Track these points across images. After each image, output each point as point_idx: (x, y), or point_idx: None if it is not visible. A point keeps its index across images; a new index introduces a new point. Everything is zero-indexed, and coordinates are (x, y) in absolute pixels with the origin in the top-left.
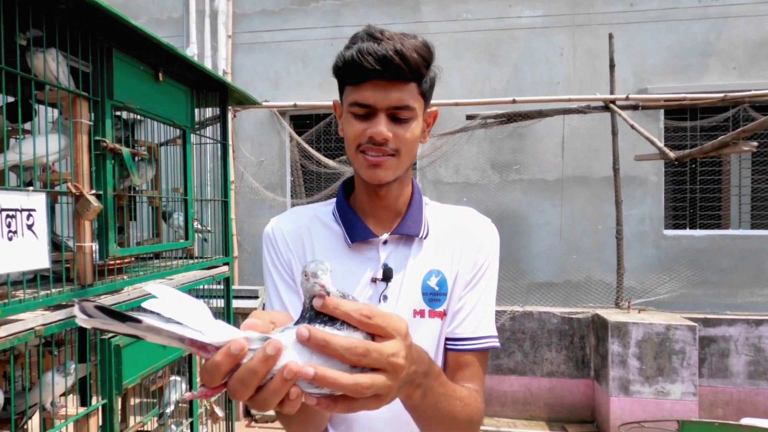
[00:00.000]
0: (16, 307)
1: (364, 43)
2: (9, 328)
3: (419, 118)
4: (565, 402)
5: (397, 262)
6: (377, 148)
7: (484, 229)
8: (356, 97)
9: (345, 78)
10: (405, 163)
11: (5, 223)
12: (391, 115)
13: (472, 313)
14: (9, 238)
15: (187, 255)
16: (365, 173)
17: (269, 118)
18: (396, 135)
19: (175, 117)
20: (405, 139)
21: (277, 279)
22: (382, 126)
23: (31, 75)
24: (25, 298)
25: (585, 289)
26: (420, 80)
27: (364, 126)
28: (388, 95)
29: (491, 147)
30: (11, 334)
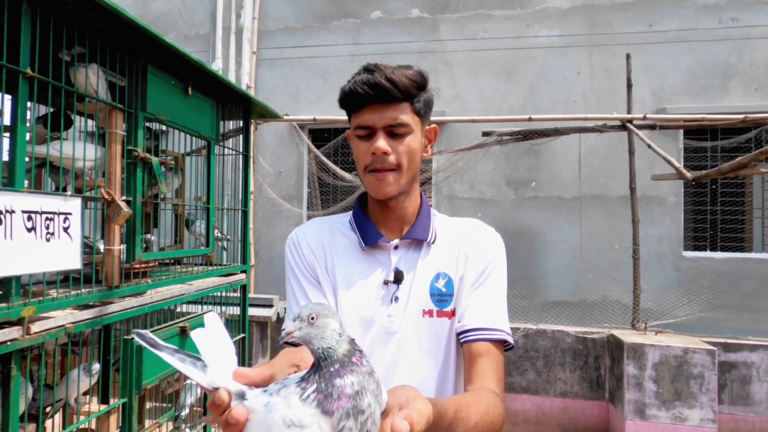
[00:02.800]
0: (49, 305)
1: (360, 75)
2: (41, 325)
3: (416, 133)
4: (578, 423)
5: (407, 265)
6: (380, 164)
7: (488, 236)
8: (358, 121)
9: (348, 107)
10: (407, 176)
11: (44, 225)
12: (389, 132)
13: (480, 308)
14: (47, 239)
15: (207, 262)
16: (373, 191)
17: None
18: (394, 149)
19: (201, 129)
20: (402, 152)
21: (303, 280)
22: (381, 141)
23: (74, 88)
24: (57, 297)
25: (600, 308)
26: (411, 100)
27: (367, 145)
28: (384, 115)
29: (507, 163)
30: (43, 330)
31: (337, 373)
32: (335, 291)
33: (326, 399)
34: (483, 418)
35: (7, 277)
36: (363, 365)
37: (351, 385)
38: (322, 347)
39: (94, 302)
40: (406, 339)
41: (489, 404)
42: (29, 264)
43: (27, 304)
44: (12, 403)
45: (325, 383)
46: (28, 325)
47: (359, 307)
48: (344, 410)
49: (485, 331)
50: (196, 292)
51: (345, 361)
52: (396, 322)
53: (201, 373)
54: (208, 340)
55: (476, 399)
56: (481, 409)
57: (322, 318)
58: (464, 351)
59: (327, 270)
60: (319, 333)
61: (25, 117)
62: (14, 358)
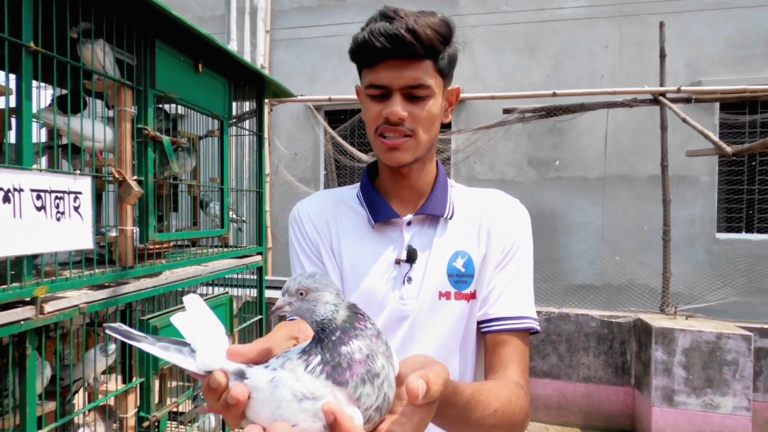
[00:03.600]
0: (62, 285)
1: (377, 23)
2: (55, 305)
3: (437, 96)
4: (602, 409)
5: (421, 243)
6: (393, 129)
7: (513, 209)
8: (371, 78)
9: (360, 61)
10: (424, 144)
11: (54, 204)
12: (406, 95)
13: (505, 294)
14: (57, 219)
15: (223, 244)
16: (384, 156)
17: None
18: (412, 114)
19: (213, 108)
20: (421, 118)
21: (303, 258)
22: (397, 106)
23: (80, 63)
24: (70, 276)
25: (627, 292)
26: (436, 57)
27: (381, 107)
28: (402, 74)
29: (529, 143)
30: (57, 310)
31: (341, 341)
32: (341, 272)
33: (335, 370)
34: (504, 407)
35: (19, 257)
36: (367, 328)
37: (359, 350)
38: (316, 321)
39: (109, 282)
40: (420, 323)
41: (511, 394)
42: (40, 244)
43: (39, 283)
44: (29, 382)
45: (330, 353)
46: (41, 305)
47: (368, 289)
48: (359, 377)
49: (510, 320)
50: (212, 273)
51: (346, 327)
52: (409, 305)
53: (189, 358)
54: (192, 323)
55: (498, 386)
56: (503, 397)
57: (313, 293)
58: (486, 339)
59: (332, 249)
60: (311, 308)
61: (30, 93)
62: (29, 337)
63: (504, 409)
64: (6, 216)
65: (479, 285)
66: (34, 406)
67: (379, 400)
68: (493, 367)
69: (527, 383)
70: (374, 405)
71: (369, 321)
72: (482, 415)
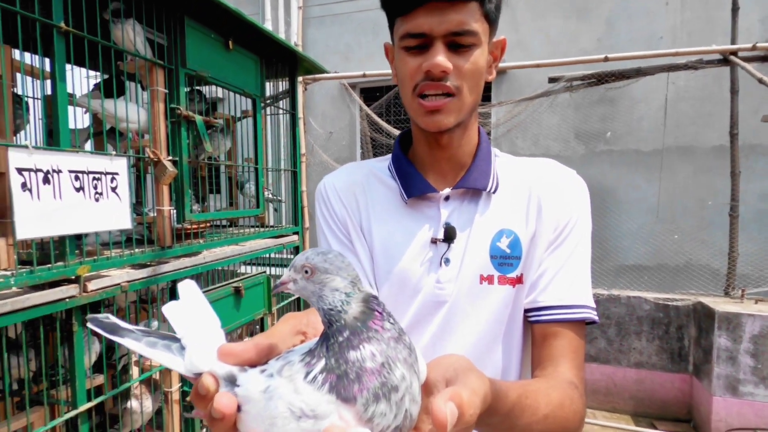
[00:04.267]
0: (104, 264)
1: None
2: (98, 283)
3: (483, 46)
4: (655, 397)
5: (461, 220)
6: (436, 85)
7: (569, 181)
8: (408, 27)
9: (394, 8)
10: (468, 104)
11: (92, 185)
12: (449, 44)
13: (557, 278)
14: (96, 200)
15: (260, 223)
16: (423, 120)
17: (339, 91)
18: (457, 67)
19: (245, 86)
20: (467, 71)
21: (331, 237)
22: (440, 55)
23: (111, 43)
24: (112, 256)
25: (684, 273)
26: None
27: (419, 60)
28: (446, 18)
29: (576, 114)
30: (100, 288)
31: (349, 344)
32: (372, 253)
33: (341, 381)
34: (555, 411)
35: (62, 237)
36: (385, 329)
37: (372, 357)
38: (322, 309)
39: (149, 262)
40: (458, 310)
41: (564, 397)
42: (80, 224)
43: (82, 262)
44: (77, 357)
45: (336, 359)
46: (85, 283)
47: (401, 271)
48: (370, 392)
49: (564, 309)
50: (249, 252)
51: (357, 327)
52: (446, 289)
53: (177, 357)
54: (184, 314)
55: (548, 387)
56: (554, 401)
57: (320, 273)
58: (533, 330)
59: (362, 228)
60: (316, 291)
61: (64, 75)
62: (75, 314)
63: (555, 413)
64: (47, 197)
65: (527, 268)
66: (83, 380)
67: (398, 419)
68: (542, 361)
69: (582, 382)
70: (392, 425)
71: (388, 320)
72: (529, 422)
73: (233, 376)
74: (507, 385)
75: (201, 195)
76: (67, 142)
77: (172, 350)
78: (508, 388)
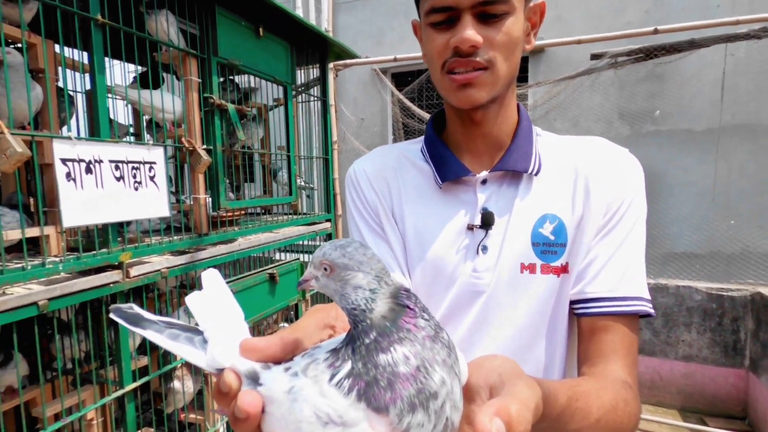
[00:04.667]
0: (145, 251)
1: None
2: (140, 269)
3: (518, 13)
4: (705, 391)
5: (499, 205)
6: (465, 61)
7: (621, 160)
8: (433, 1)
9: None
10: (503, 77)
11: (131, 174)
12: (479, 14)
13: (608, 267)
14: (135, 188)
15: (293, 211)
16: (454, 96)
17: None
18: (488, 39)
19: (276, 73)
20: (499, 42)
21: (361, 224)
22: (469, 29)
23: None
24: (152, 243)
25: (741, 262)
26: None
27: (447, 36)
28: None
29: (620, 93)
30: (142, 274)
31: (378, 346)
32: (405, 240)
33: (370, 389)
34: (608, 415)
35: (105, 225)
36: (419, 327)
37: (405, 361)
38: (346, 308)
39: (188, 249)
40: (497, 301)
41: (617, 398)
42: (121, 212)
43: (124, 249)
44: (122, 340)
45: (363, 363)
46: (127, 269)
47: (435, 259)
48: (405, 401)
49: (615, 301)
50: (282, 240)
51: (386, 328)
52: (484, 278)
53: (200, 351)
54: (208, 306)
55: (599, 388)
56: (606, 403)
57: (340, 270)
58: (581, 323)
59: (394, 214)
60: (338, 289)
61: (103, 67)
62: (119, 298)
63: (608, 417)
64: (90, 186)
65: (573, 256)
66: (128, 361)
67: (438, 429)
68: (590, 358)
69: (636, 382)
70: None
71: (422, 316)
72: (580, 427)
73: (256, 374)
74: (556, 386)
75: (236, 183)
76: (107, 133)
77: (194, 343)
78: (557, 391)
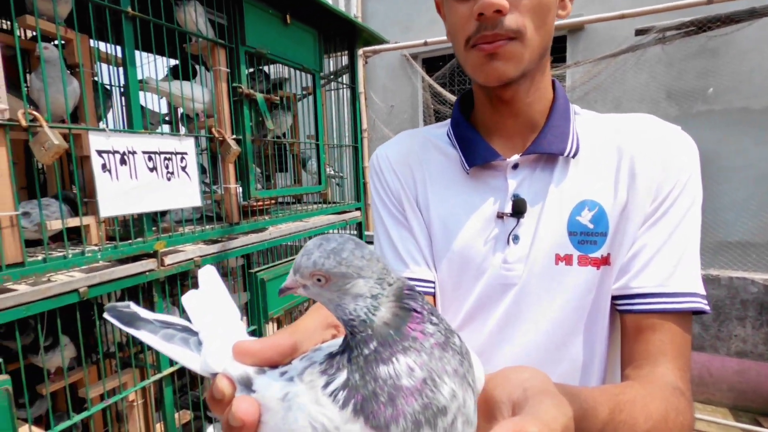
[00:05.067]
0: (178, 239)
1: None
2: (174, 257)
3: None
4: (761, 390)
5: (532, 191)
6: (492, 34)
7: (672, 139)
8: None
9: None
10: (535, 47)
11: (164, 165)
12: None
13: (657, 259)
14: (168, 179)
15: (323, 200)
16: (480, 73)
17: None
18: (515, 3)
19: (304, 61)
20: (529, 6)
21: (384, 213)
22: None
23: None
24: (185, 232)
25: None
26: None
27: (470, 5)
28: None
29: (668, 71)
30: (176, 263)
31: (378, 358)
32: (430, 230)
33: (368, 403)
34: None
35: (140, 214)
36: (426, 334)
37: (409, 373)
38: (342, 319)
39: (220, 238)
40: (529, 294)
41: (668, 408)
42: (155, 202)
43: (159, 238)
44: None
45: (361, 375)
46: (162, 258)
47: (463, 249)
48: (408, 419)
49: (665, 298)
50: (312, 228)
51: (388, 336)
52: (515, 270)
53: (194, 353)
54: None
55: (646, 395)
56: (655, 413)
57: (337, 280)
58: (624, 321)
59: (418, 202)
60: (334, 299)
61: (134, 60)
62: (155, 286)
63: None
64: (124, 177)
65: (616, 246)
66: None
67: None
68: (635, 359)
69: (689, 387)
70: None
71: (429, 320)
72: None
73: (249, 379)
74: (595, 397)
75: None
76: (140, 125)
77: (189, 345)
78: (596, 403)
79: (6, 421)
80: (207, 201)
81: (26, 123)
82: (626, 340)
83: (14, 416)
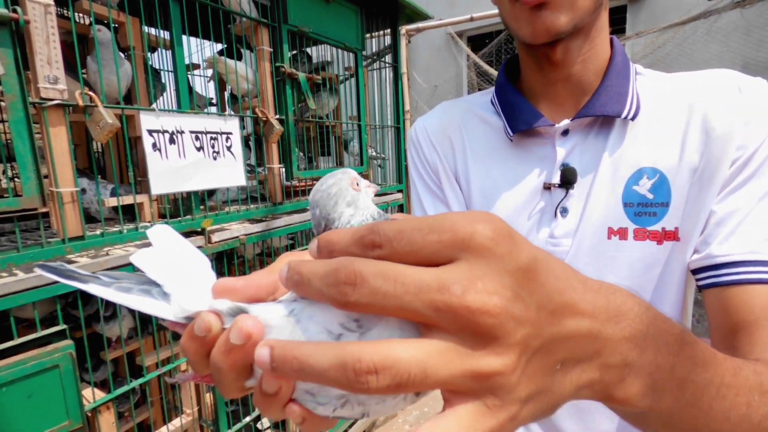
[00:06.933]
0: (224, 218)
1: None
2: (220, 235)
3: None
4: None
5: (584, 159)
6: None
7: (755, 91)
8: None
9: None
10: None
11: (210, 145)
12: None
13: (746, 224)
14: (214, 158)
15: None
16: (527, 27)
17: (445, 42)
18: None
19: (346, 39)
20: None
21: (421, 187)
22: None
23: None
24: (231, 211)
25: None
26: None
27: None
28: None
29: (746, 40)
30: (222, 240)
31: None
32: (469, 202)
33: None
34: None
35: (188, 193)
36: None
37: None
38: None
39: (264, 217)
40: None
41: None
42: (203, 180)
43: (206, 216)
44: None
45: None
46: (209, 235)
47: None
48: None
49: (761, 266)
50: None
51: None
52: (562, 245)
53: (161, 301)
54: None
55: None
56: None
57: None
58: (707, 297)
59: (457, 174)
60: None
61: (181, 41)
62: None
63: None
64: (173, 156)
65: (686, 217)
66: None
67: None
68: (726, 337)
69: None
70: None
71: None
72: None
73: (240, 309)
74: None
75: (310, 155)
76: (187, 105)
77: (152, 295)
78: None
79: (71, 381)
80: (251, 182)
81: (83, 103)
82: (714, 319)
83: (77, 378)
